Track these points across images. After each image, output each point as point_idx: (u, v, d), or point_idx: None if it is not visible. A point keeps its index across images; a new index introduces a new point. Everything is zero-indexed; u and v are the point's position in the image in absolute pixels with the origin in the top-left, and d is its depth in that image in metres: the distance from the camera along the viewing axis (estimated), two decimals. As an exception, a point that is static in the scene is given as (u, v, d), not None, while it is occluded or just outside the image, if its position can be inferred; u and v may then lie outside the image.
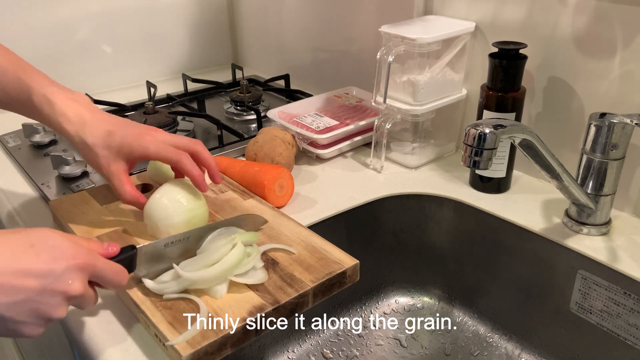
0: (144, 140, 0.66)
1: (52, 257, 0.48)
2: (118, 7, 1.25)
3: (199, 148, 0.69)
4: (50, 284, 0.47)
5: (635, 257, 0.70)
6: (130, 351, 0.56)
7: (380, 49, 0.85)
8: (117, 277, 0.54)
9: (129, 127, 0.67)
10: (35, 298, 0.47)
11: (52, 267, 0.48)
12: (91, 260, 0.51)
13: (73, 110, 0.66)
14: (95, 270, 0.51)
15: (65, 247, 0.49)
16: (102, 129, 0.66)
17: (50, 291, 0.48)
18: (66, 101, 0.67)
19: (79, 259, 0.50)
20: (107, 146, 0.66)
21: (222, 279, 0.59)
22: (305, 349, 0.86)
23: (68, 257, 0.49)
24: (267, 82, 1.27)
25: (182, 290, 0.58)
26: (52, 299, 0.48)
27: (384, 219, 0.87)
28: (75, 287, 0.49)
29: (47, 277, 0.47)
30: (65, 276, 0.48)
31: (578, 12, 0.75)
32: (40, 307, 0.47)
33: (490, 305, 0.86)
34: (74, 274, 0.49)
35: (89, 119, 0.66)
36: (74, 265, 0.49)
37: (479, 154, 0.64)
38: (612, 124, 0.67)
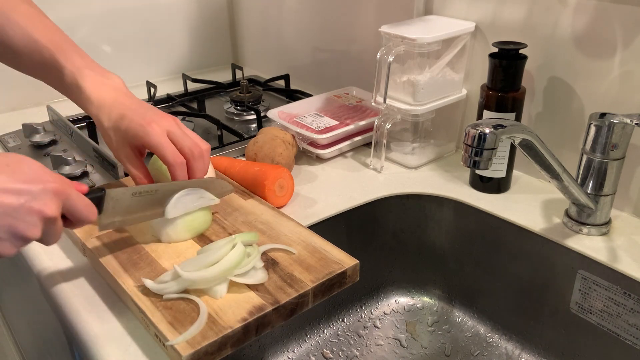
0: (149, 128, 0.64)
1: (28, 177, 0.49)
2: (118, 7, 1.25)
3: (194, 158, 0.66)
4: (27, 202, 0.49)
5: (635, 257, 0.70)
6: (130, 351, 0.56)
7: (380, 49, 0.85)
8: (87, 210, 0.55)
9: (141, 113, 0.66)
10: (13, 214, 0.48)
11: (29, 186, 0.49)
12: (65, 188, 0.52)
13: (97, 94, 0.67)
14: (68, 198, 0.53)
15: (42, 171, 0.51)
16: (116, 112, 0.66)
17: (27, 209, 0.49)
18: (94, 84, 0.67)
19: (55, 184, 0.51)
20: (117, 129, 0.65)
21: (222, 279, 0.59)
22: (305, 349, 0.86)
23: (44, 180, 0.50)
24: (267, 82, 1.27)
25: (182, 291, 0.59)
26: (28, 217, 0.49)
27: (384, 219, 0.87)
28: (50, 208, 0.50)
29: (24, 195, 0.49)
30: (41, 197, 0.50)
31: (578, 12, 0.76)
32: (16, 224, 0.49)
33: (490, 305, 0.86)
34: (50, 197, 0.50)
35: (109, 103, 0.66)
36: (50, 188, 0.50)
37: (479, 154, 0.64)
38: (612, 124, 0.67)
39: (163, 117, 0.66)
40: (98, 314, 0.61)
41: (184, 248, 0.66)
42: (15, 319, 1.24)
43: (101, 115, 0.66)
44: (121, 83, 0.70)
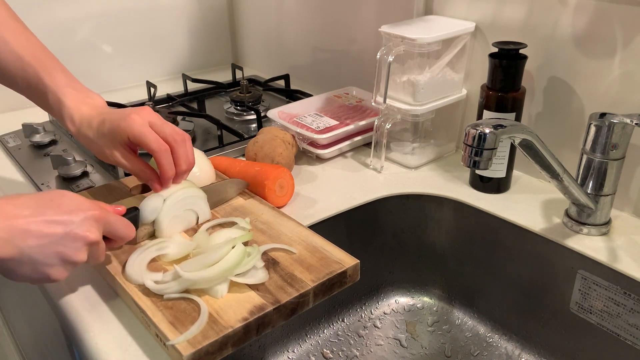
0: (129, 119, 0.65)
1: (71, 208, 0.55)
2: (118, 7, 1.25)
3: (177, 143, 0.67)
4: (72, 230, 0.54)
5: (635, 257, 0.70)
6: (130, 351, 0.56)
7: (380, 49, 0.85)
8: (127, 229, 0.61)
9: (117, 112, 0.68)
10: (60, 242, 0.54)
11: (72, 217, 0.55)
12: (104, 213, 0.58)
13: (78, 112, 0.69)
14: (108, 222, 0.58)
15: (81, 201, 0.57)
16: (97, 120, 0.68)
17: (73, 236, 0.55)
18: (76, 104, 0.69)
19: (95, 211, 0.57)
20: (103, 135, 0.67)
21: (223, 278, 0.59)
22: (305, 349, 0.86)
23: (85, 209, 0.56)
24: (267, 82, 1.27)
25: (182, 290, 0.59)
26: (74, 243, 0.55)
27: (384, 219, 0.87)
28: (93, 233, 0.56)
29: (69, 224, 0.54)
30: (84, 224, 0.55)
31: (578, 12, 0.76)
32: (64, 251, 0.54)
33: (490, 305, 0.86)
34: (91, 223, 0.56)
35: (90, 117, 0.68)
36: (90, 216, 0.56)
37: (479, 154, 0.64)
38: (612, 124, 0.67)
39: (141, 109, 0.68)
40: (98, 314, 0.61)
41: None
42: (15, 319, 1.24)
43: (84, 130, 0.68)
44: (102, 102, 0.72)
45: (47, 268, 0.54)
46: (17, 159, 0.96)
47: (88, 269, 0.68)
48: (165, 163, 0.66)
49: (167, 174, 0.67)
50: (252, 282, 0.59)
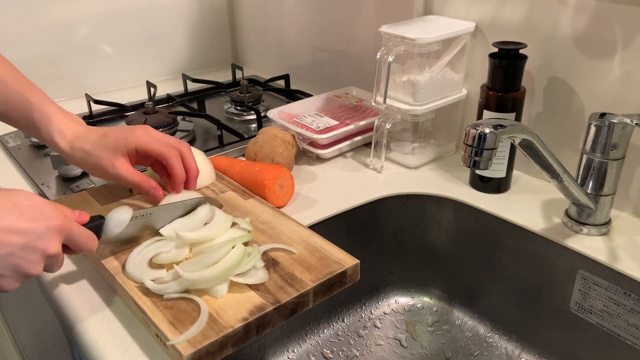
0: (136, 133, 0.69)
1: (34, 216, 0.51)
2: (118, 7, 1.25)
3: (185, 149, 0.72)
4: (32, 242, 0.51)
5: (635, 257, 0.70)
6: (130, 351, 0.56)
7: (380, 49, 0.85)
8: (89, 241, 0.57)
9: (120, 128, 0.71)
10: (18, 253, 0.50)
11: (34, 226, 0.51)
12: (67, 223, 0.54)
13: (69, 128, 0.71)
14: (70, 233, 0.55)
15: (46, 208, 0.53)
16: (95, 134, 0.70)
17: (32, 248, 0.51)
18: (64, 119, 0.71)
19: (58, 221, 0.53)
20: (104, 147, 0.69)
21: (223, 278, 0.59)
22: (305, 349, 0.86)
23: (48, 218, 0.52)
24: (267, 82, 1.27)
25: (183, 290, 0.59)
26: (31, 255, 0.51)
27: (384, 219, 0.87)
28: (54, 246, 0.53)
29: (30, 235, 0.51)
30: (45, 236, 0.52)
31: (578, 12, 0.76)
32: (20, 263, 0.51)
33: (490, 305, 0.86)
34: (53, 235, 0.53)
35: (83, 131, 0.71)
36: (53, 227, 0.52)
37: (479, 154, 0.64)
38: (612, 124, 0.67)
39: (143, 125, 0.72)
40: (98, 314, 0.61)
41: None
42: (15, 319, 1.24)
43: (79, 143, 0.70)
44: (82, 120, 0.74)
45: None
46: (17, 159, 0.96)
47: (88, 268, 0.68)
48: (177, 165, 0.70)
49: (179, 176, 0.70)
50: (252, 282, 0.59)
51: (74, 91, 1.24)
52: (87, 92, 1.17)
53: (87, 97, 1.12)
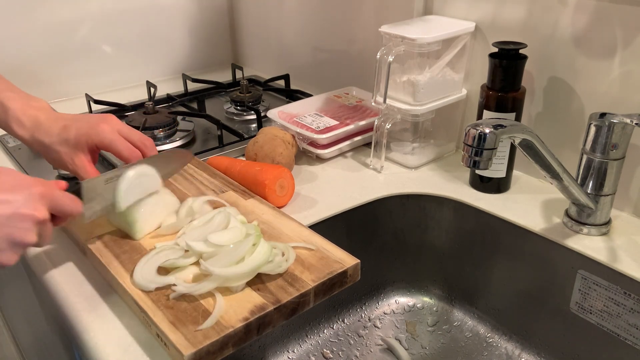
0: (100, 129, 0.67)
1: (12, 186, 0.52)
2: (118, 7, 1.25)
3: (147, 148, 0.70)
4: (17, 209, 0.51)
5: (635, 257, 0.70)
6: (130, 351, 0.56)
7: (380, 49, 0.85)
8: (73, 204, 0.58)
9: (83, 120, 0.69)
10: (7, 223, 0.51)
11: (16, 195, 0.52)
12: (48, 189, 0.55)
13: (27, 116, 0.68)
14: (53, 197, 0.55)
15: (23, 177, 0.54)
16: (56, 126, 0.68)
17: (20, 215, 0.51)
18: (21, 107, 0.68)
19: (39, 187, 0.54)
20: (65, 141, 0.67)
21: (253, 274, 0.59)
22: (305, 349, 0.86)
23: (28, 186, 0.53)
24: (267, 82, 1.27)
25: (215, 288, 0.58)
26: (22, 223, 0.52)
27: (384, 219, 0.87)
28: (40, 211, 0.53)
29: (13, 202, 0.51)
30: (29, 202, 0.52)
31: (578, 12, 0.76)
32: (13, 232, 0.51)
33: (490, 305, 0.86)
34: (36, 200, 0.53)
35: (43, 121, 0.68)
36: (35, 192, 0.53)
37: (479, 154, 0.64)
38: (612, 124, 0.67)
39: (106, 117, 0.69)
40: (98, 314, 0.61)
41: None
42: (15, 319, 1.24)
43: (39, 135, 0.67)
44: (47, 105, 0.71)
45: None
46: (17, 159, 0.96)
47: (89, 268, 0.68)
48: None
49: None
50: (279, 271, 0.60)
51: (74, 91, 1.25)
52: (87, 92, 1.17)
53: (87, 97, 1.12)
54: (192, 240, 0.63)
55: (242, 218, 0.70)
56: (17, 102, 0.68)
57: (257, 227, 0.65)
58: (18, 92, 0.70)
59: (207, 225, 0.66)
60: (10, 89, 0.70)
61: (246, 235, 0.64)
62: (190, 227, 0.67)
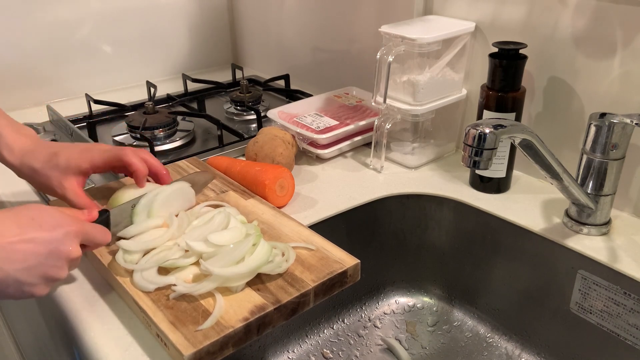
0: (88, 153, 0.70)
1: (52, 225, 0.55)
2: (118, 7, 1.25)
3: (145, 155, 0.73)
4: (55, 249, 0.54)
5: (635, 257, 0.70)
6: (130, 351, 0.56)
7: (380, 49, 0.85)
8: (103, 237, 0.61)
9: (72, 147, 0.71)
10: (44, 262, 0.54)
11: (54, 234, 0.55)
12: (82, 226, 0.58)
13: (17, 143, 0.71)
14: (86, 233, 0.59)
15: (61, 217, 0.57)
16: (45, 153, 0.70)
17: (56, 254, 0.55)
18: (12, 134, 0.71)
19: (74, 226, 0.57)
20: (55, 166, 0.69)
21: (253, 274, 0.59)
22: (305, 349, 0.86)
23: (64, 225, 0.56)
24: (267, 82, 1.27)
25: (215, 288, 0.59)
26: (57, 262, 0.55)
27: (384, 219, 0.87)
28: (75, 249, 0.56)
29: (52, 242, 0.54)
30: (66, 241, 0.55)
31: (578, 12, 0.76)
32: (48, 271, 0.54)
33: (490, 305, 0.86)
34: (72, 239, 0.56)
35: (32, 149, 0.71)
36: (71, 232, 0.56)
37: (479, 154, 0.64)
38: (612, 124, 0.67)
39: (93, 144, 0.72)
40: (98, 314, 0.61)
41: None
42: (15, 319, 1.24)
43: (29, 159, 0.70)
44: (35, 133, 0.74)
45: (31, 287, 0.54)
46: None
47: (89, 268, 0.68)
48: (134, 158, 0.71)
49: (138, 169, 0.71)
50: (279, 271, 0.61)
51: (74, 91, 1.25)
52: (87, 92, 1.17)
53: (87, 97, 1.12)
54: (192, 240, 0.63)
55: (242, 218, 0.70)
56: (7, 129, 0.71)
57: (257, 227, 0.65)
58: (8, 119, 0.73)
59: (207, 225, 0.66)
60: (3, 116, 0.72)
61: (246, 235, 0.64)
62: (190, 227, 0.67)
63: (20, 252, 0.52)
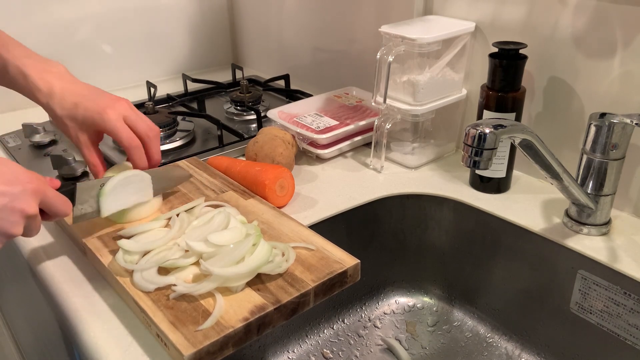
0: (105, 115, 0.68)
1: (9, 179, 0.54)
2: (118, 7, 1.26)
3: (150, 140, 0.71)
4: (10, 202, 0.53)
5: (635, 257, 0.70)
6: (130, 351, 0.56)
7: (380, 49, 0.85)
8: (63, 205, 0.60)
9: (94, 100, 0.70)
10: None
11: (10, 188, 0.53)
12: (42, 186, 0.57)
13: (44, 82, 0.70)
14: (45, 196, 0.57)
15: (20, 172, 0.55)
16: (69, 100, 0.70)
17: (11, 209, 0.53)
18: (39, 73, 0.71)
19: (33, 184, 0.55)
20: (73, 117, 0.69)
21: (253, 274, 0.59)
22: (305, 349, 0.86)
23: (23, 181, 0.55)
24: (267, 82, 1.27)
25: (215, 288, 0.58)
26: (11, 216, 0.53)
27: (384, 219, 0.87)
28: (31, 207, 0.55)
29: (7, 196, 0.53)
30: (22, 197, 0.54)
31: (578, 12, 0.76)
32: (2, 223, 0.53)
33: (490, 305, 0.86)
34: (29, 196, 0.55)
35: (58, 91, 0.70)
36: (29, 189, 0.55)
37: (479, 154, 0.64)
38: (612, 124, 0.67)
39: (117, 101, 0.70)
40: (98, 314, 0.61)
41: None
42: (15, 319, 1.24)
43: (53, 104, 0.70)
44: (65, 70, 0.74)
45: None
46: (17, 159, 0.96)
47: (89, 268, 0.68)
48: (137, 159, 0.70)
49: (138, 167, 0.71)
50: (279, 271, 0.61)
51: (74, 91, 1.24)
52: (87, 92, 1.17)
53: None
54: (192, 240, 0.63)
55: (242, 218, 0.70)
56: (34, 68, 0.71)
57: (257, 227, 0.65)
58: (35, 57, 0.73)
59: (207, 225, 0.66)
60: (28, 55, 0.72)
61: (246, 235, 0.64)
62: (190, 227, 0.67)
63: None
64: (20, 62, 0.71)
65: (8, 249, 0.79)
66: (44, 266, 0.69)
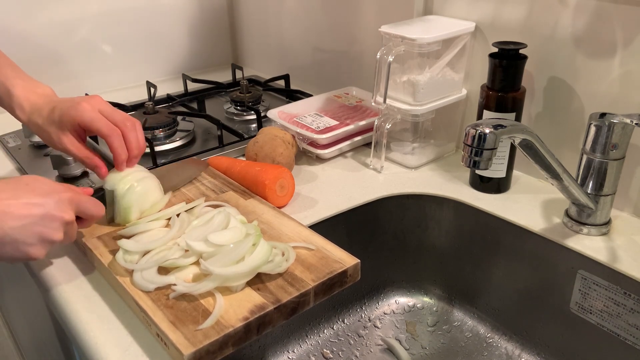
0: (80, 107, 0.69)
1: (45, 191, 0.59)
2: (118, 7, 1.26)
3: (128, 128, 0.71)
4: (49, 211, 0.58)
5: (635, 257, 0.70)
6: (130, 351, 0.56)
7: (380, 49, 0.85)
8: (97, 208, 0.64)
9: (68, 100, 0.71)
10: (39, 222, 0.57)
11: (48, 198, 0.59)
12: (76, 194, 0.62)
13: (28, 101, 0.73)
14: (79, 202, 0.62)
15: (54, 184, 0.61)
16: (46, 109, 0.72)
17: (50, 217, 0.58)
18: (24, 93, 0.73)
19: (67, 193, 0.61)
20: (52, 122, 0.71)
21: (253, 273, 0.59)
22: (305, 349, 0.86)
23: (58, 191, 0.60)
24: (267, 82, 1.27)
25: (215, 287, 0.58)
26: (52, 223, 0.58)
27: (384, 219, 0.87)
28: (68, 214, 0.60)
29: (44, 206, 0.58)
30: (59, 205, 0.59)
31: (578, 12, 0.76)
32: (43, 230, 0.58)
33: (490, 305, 0.86)
34: (65, 204, 0.60)
35: (40, 105, 0.72)
36: (64, 197, 0.60)
37: (479, 154, 0.64)
38: (612, 124, 0.67)
39: (92, 97, 0.72)
40: (98, 314, 0.61)
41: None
42: (15, 319, 1.24)
43: (35, 118, 0.72)
44: (51, 91, 0.76)
45: (27, 247, 0.57)
46: (17, 159, 0.96)
47: (89, 268, 0.68)
48: (118, 146, 0.70)
49: (120, 156, 0.70)
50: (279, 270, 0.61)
51: (74, 91, 1.24)
52: (87, 92, 1.17)
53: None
54: (192, 240, 0.63)
55: (242, 218, 0.70)
56: (21, 88, 0.73)
57: (257, 227, 0.65)
58: (25, 78, 0.75)
59: (207, 225, 0.66)
60: (18, 76, 0.75)
61: (246, 235, 0.64)
62: (190, 227, 0.67)
63: (15, 212, 0.56)
64: (9, 82, 0.73)
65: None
66: (44, 266, 0.69)
